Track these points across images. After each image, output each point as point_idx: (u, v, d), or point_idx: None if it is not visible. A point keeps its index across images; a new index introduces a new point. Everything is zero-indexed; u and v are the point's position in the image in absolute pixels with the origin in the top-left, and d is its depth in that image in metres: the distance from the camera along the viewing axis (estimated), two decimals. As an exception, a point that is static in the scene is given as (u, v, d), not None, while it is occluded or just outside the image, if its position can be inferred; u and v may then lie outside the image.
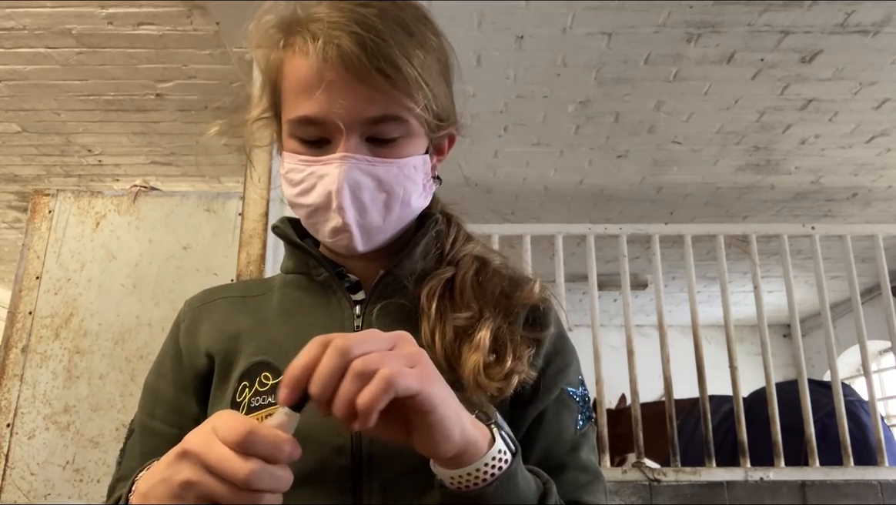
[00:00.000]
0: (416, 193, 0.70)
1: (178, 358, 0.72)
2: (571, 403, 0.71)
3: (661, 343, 2.65)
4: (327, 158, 0.65)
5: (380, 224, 0.68)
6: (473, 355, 0.63)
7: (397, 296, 0.70)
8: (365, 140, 0.65)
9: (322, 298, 0.71)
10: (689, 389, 2.78)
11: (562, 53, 2.60)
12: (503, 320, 0.67)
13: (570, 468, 0.67)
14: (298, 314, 0.71)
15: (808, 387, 2.61)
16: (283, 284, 0.75)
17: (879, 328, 2.90)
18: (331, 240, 0.68)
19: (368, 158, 0.65)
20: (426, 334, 0.65)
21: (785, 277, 2.78)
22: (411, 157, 0.68)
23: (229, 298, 0.76)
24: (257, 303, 0.74)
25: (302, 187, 0.67)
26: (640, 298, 5.41)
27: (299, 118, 0.65)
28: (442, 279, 0.70)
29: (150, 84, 2.80)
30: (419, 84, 0.64)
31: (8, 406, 2.01)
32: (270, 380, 0.64)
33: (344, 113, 0.63)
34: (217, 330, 0.71)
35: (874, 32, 2.47)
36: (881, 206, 3.92)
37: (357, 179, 0.65)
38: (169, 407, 0.70)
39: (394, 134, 0.66)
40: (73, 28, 2.47)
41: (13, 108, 2.99)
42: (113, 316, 2.10)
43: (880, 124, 3.09)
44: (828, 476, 2.44)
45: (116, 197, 2.24)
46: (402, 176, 0.67)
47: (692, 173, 3.56)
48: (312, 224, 0.69)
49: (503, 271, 0.74)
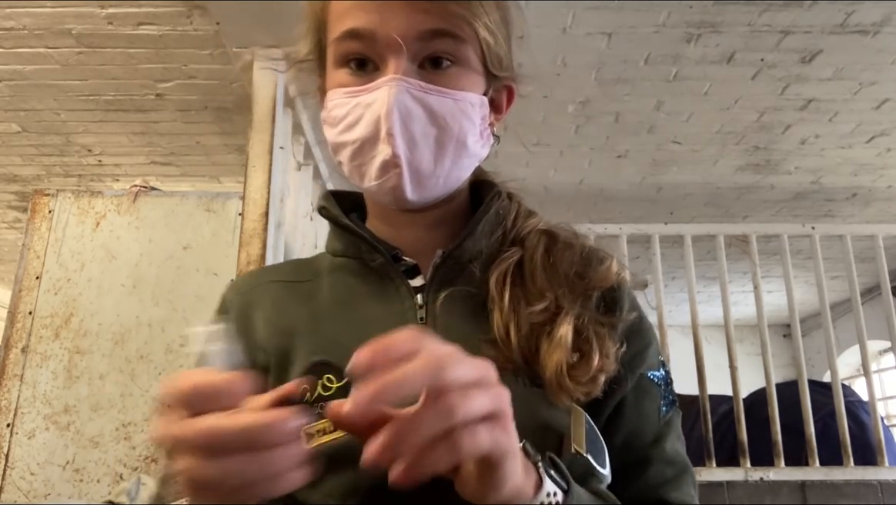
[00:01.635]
0: (473, 135, 0.62)
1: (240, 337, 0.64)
2: (653, 388, 0.64)
3: (660, 343, 2.65)
4: (376, 83, 0.58)
5: (430, 165, 0.60)
6: (556, 354, 0.56)
7: (461, 281, 0.63)
8: (418, 66, 0.59)
9: (378, 287, 0.64)
10: (689, 389, 2.77)
11: (562, 53, 2.60)
12: (582, 309, 0.60)
13: (654, 462, 0.61)
14: (355, 306, 0.64)
15: (808, 387, 2.61)
16: (332, 268, 0.68)
17: (879, 328, 2.90)
18: (377, 181, 0.60)
19: (421, 84, 0.59)
20: (499, 328, 0.59)
21: (785, 277, 2.78)
22: (468, 91, 0.61)
23: (279, 283, 0.68)
24: (308, 290, 0.67)
25: (346, 122, 0.61)
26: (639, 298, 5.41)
27: (345, 32, 0.59)
28: (511, 262, 0.62)
29: (150, 84, 2.80)
30: (479, 8, 0.59)
31: (8, 406, 2.01)
32: (335, 383, 0.57)
33: (396, 23, 0.58)
34: (271, 323, 0.64)
35: (874, 32, 2.47)
36: (881, 206, 3.92)
37: (407, 105, 0.58)
38: None
39: (450, 55, 0.60)
40: (73, 28, 2.47)
41: (13, 108, 2.99)
42: (113, 316, 2.10)
43: (880, 124, 3.09)
44: (828, 476, 2.44)
45: (116, 197, 2.24)
46: (457, 110, 0.60)
47: (692, 173, 3.56)
48: (357, 167, 0.62)
49: (574, 243, 0.66)
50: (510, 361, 0.57)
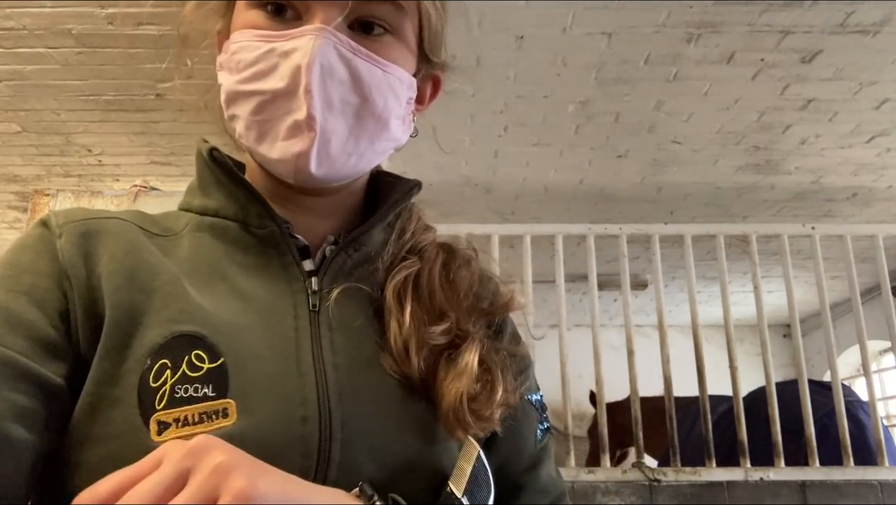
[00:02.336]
0: (397, 116, 0.55)
1: (56, 282, 0.48)
2: (532, 411, 0.60)
3: (661, 343, 2.65)
4: (298, 31, 0.50)
5: (343, 139, 0.51)
6: (457, 383, 0.50)
7: (357, 276, 0.55)
8: (348, 27, 0.52)
9: (261, 259, 0.54)
10: (689, 389, 2.78)
11: (562, 53, 2.60)
12: (488, 340, 0.55)
13: (527, 490, 0.57)
14: (228, 275, 0.53)
15: (807, 387, 2.61)
16: (197, 228, 0.56)
17: (879, 328, 2.90)
18: (283, 142, 0.51)
19: (352, 44, 0.51)
20: (396, 341, 0.52)
21: (785, 277, 2.78)
22: (399, 66, 0.54)
23: (127, 223, 0.54)
24: (163, 245, 0.54)
25: (255, 70, 0.51)
26: (640, 298, 5.41)
27: None
28: (410, 273, 0.56)
29: (150, 84, 2.80)
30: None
31: (8, 406, 2.01)
32: (206, 363, 0.46)
33: None
34: (120, 267, 0.49)
35: (874, 32, 2.47)
36: (881, 206, 3.92)
37: (331, 63, 0.49)
38: (33, 337, 0.46)
39: (386, 22, 0.53)
40: (73, 28, 2.46)
41: (13, 108, 2.99)
42: (113, 316, 2.10)
43: (880, 124, 3.09)
44: (828, 476, 2.44)
45: (116, 197, 2.24)
46: (384, 84, 0.52)
47: (692, 173, 3.56)
48: (259, 123, 0.52)
49: (471, 261, 0.61)
50: (407, 377, 0.52)
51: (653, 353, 2.73)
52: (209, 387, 0.45)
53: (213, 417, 0.44)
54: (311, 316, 0.52)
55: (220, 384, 0.46)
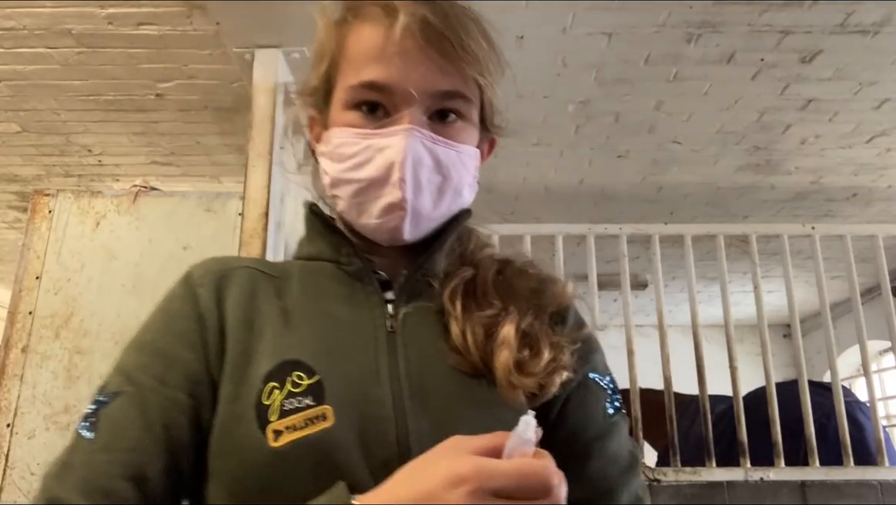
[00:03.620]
0: (468, 185, 0.68)
1: (199, 323, 0.62)
2: (597, 388, 0.66)
3: (661, 343, 2.65)
4: (390, 130, 0.62)
5: (430, 210, 0.64)
6: (503, 352, 0.60)
7: (424, 296, 0.66)
8: (427, 118, 0.63)
9: (350, 291, 0.66)
10: (689, 389, 2.77)
11: (562, 53, 2.60)
12: (534, 318, 0.64)
13: (595, 456, 0.63)
14: (325, 306, 0.65)
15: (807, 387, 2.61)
16: (304, 271, 0.69)
17: (879, 328, 2.90)
18: (378, 220, 0.64)
19: (432, 136, 0.63)
20: (457, 336, 0.62)
21: (785, 277, 2.78)
22: (468, 145, 0.66)
23: (250, 270, 0.67)
24: (278, 286, 0.67)
25: (355, 161, 0.63)
26: (640, 297, 5.41)
27: (365, 82, 0.63)
28: (463, 277, 0.66)
29: (150, 84, 2.80)
30: (488, 70, 0.65)
31: (8, 406, 2.01)
32: (305, 380, 0.57)
33: (414, 81, 0.61)
34: (241, 313, 0.63)
35: (874, 32, 2.47)
36: (881, 206, 3.92)
37: (420, 154, 0.62)
38: (188, 374, 0.59)
39: (457, 115, 0.65)
40: (73, 28, 2.47)
41: (13, 108, 2.99)
42: (113, 316, 2.10)
43: (880, 124, 3.09)
44: (828, 476, 2.44)
45: (116, 197, 2.24)
46: (458, 162, 0.65)
47: (692, 173, 3.56)
48: (359, 203, 0.64)
49: (529, 270, 0.71)
50: (470, 365, 0.61)
51: (653, 353, 2.73)
52: (309, 398, 0.56)
53: (316, 421, 0.55)
54: (388, 336, 0.63)
55: (317, 395, 0.56)
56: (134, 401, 0.58)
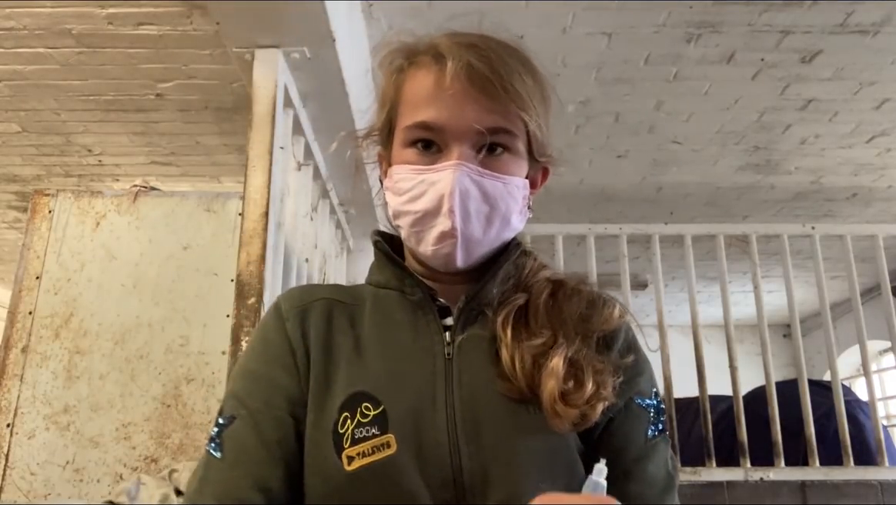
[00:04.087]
0: (516, 213, 0.73)
1: (290, 352, 0.71)
2: (641, 412, 0.71)
3: (661, 343, 2.65)
4: (441, 166, 0.68)
5: (479, 237, 0.70)
6: (550, 382, 0.64)
7: (478, 323, 0.72)
8: (476, 153, 0.69)
9: (412, 318, 0.72)
10: (689, 389, 2.78)
11: (562, 53, 2.60)
12: (582, 344, 0.68)
13: (634, 479, 0.67)
14: (391, 334, 0.72)
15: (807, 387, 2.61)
16: (374, 297, 0.76)
17: (879, 328, 2.90)
18: (433, 247, 0.70)
19: (479, 169, 0.69)
20: (507, 363, 0.66)
21: (785, 277, 2.78)
22: (515, 176, 0.72)
23: (328, 301, 0.75)
24: (352, 314, 0.74)
25: (411, 195, 0.70)
26: (640, 297, 5.41)
27: (419, 122, 0.70)
28: (515, 305, 0.71)
29: (150, 84, 2.80)
30: (531, 105, 0.70)
31: (8, 406, 2.01)
32: (371, 411, 0.65)
33: (462, 121, 0.68)
34: (320, 345, 0.71)
35: (874, 32, 2.47)
36: (881, 206, 3.92)
37: (467, 187, 0.68)
38: (288, 396, 0.68)
39: (502, 148, 0.70)
40: (73, 28, 2.46)
41: (13, 108, 2.99)
42: (113, 316, 2.10)
43: (880, 124, 3.09)
44: (828, 476, 2.44)
45: (116, 197, 2.24)
46: (505, 192, 0.70)
47: (692, 173, 3.56)
48: (416, 233, 0.71)
49: (582, 289, 0.75)
50: (518, 391, 0.65)
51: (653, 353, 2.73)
52: (376, 427, 0.64)
53: (381, 449, 0.63)
54: (445, 362, 0.69)
55: (382, 424, 0.64)
56: (249, 423, 0.67)
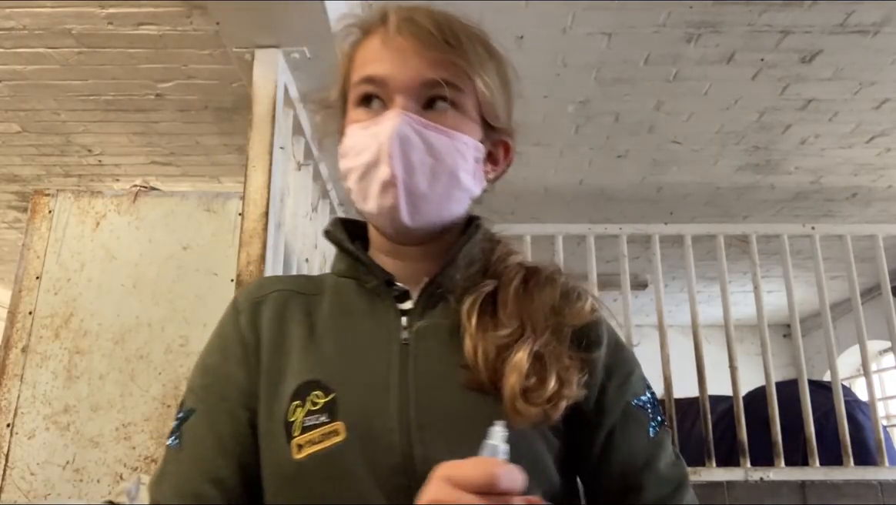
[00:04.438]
0: (465, 171, 0.70)
1: (243, 346, 0.70)
2: (639, 414, 0.70)
3: (661, 343, 2.65)
4: (382, 117, 0.67)
5: (425, 191, 0.67)
6: (512, 377, 0.62)
7: (439, 310, 0.70)
8: (423, 108, 0.68)
9: (370, 306, 0.71)
10: (689, 389, 2.78)
11: (562, 53, 2.60)
12: (551, 337, 0.66)
13: (648, 486, 0.67)
14: (347, 323, 0.71)
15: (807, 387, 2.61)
16: (334, 286, 0.75)
17: (879, 328, 2.90)
18: (377, 201, 0.68)
19: (422, 120, 0.67)
20: (469, 353, 0.64)
21: (785, 277, 2.78)
22: (464, 134, 0.69)
23: (284, 292, 0.74)
24: (310, 304, 0.73)
25: (355, 150, 0.69)
26: (640, 298, 5.41)
27: (363, 77, 0.69)
28: (483, 292, 0.69)
29: (150, 84, 2.80)
30: (480, 66, 0.69)
31: (8, 406, 2.01)
32: (322, 398, 0.64)
33: (405, 72, 0.67)
34: (271, 336, 0.70)
35: (874, 32, 2.47)
36: (881, 206, 3.92)
37: (407, 134, 0.66)
38: (242, 389, 0.68)
39: (449, 104, 0.68)
40: (73, 28, 2.46)
41: (13, 108, 2.99)
42: (113, 316, 2.10)
43: (880, 124, 3.09)
44: (828, 476, 2.44)
45: (116, 197, 2.24)
46: (452, 147, 0.68)
47: (692, 173, 3.56)
48: (361, 189, 0.69)
49: (556, 279, 0.72)
50: (479, 382, 0.63)
51: (653, 353, 2.73)
52: (325, 415, 0.63)
53: (330, 436, 0.62)
54: (401, 348, 0.67)
55: (332, 412, 0.63)
56: (204, 416, 0.68)
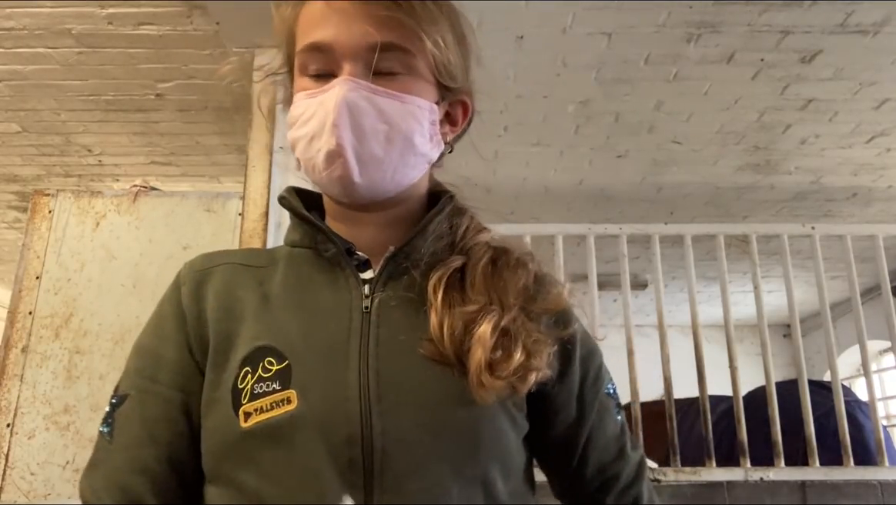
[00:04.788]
0: (421, 135, 0.67)
1: (181, 320, 0.67)
2: (610, 402, 0.72)
3: (661, 343, 2.65)
4: (329, 84, 0.64)
5: (380, 155, 0.64)
6: (477, 350, 0.60)
7: (405, 280, 0.67)
8: (372, 73, 0.64)
9: (329, 276, 0.68)
10: (689, 389, 2.77)
11: (562, 53, 2.60)
12: (519, 313, 0.64)
13: (623, 473, 0.71)
14: (304, 293, 0.68)
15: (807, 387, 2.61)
16: (288, 257, 0.72)
17: (879, 328, 2.90)
18: (325, 173, 0.65)
19: (371, 86, 0.64)
20: (434, 327, 0.63)
21: (785, 277, 2.77)
22: (416, 97, 0.66)
23: (234, 266, 0.71)
24: (261, 275, 0.70)
25: (302, 119, 0.66)
26: (640, 298, 5.41)
27: (307, 45, 0.66)
28: (451, 268, 0.66)
29: (150, 84, 2.80)
30: (430, 25, 0.65)
31: (8, 406, 2.01)
32: (275, 365, 0.61)
33: (351, 37, 0.64)
34: (219, 304, 0.67)
35: (874, 32, 2.47)
36: (881, 206, 3.92)
37: (356, 102, 0.63)
38: (174, 370, 0.65)
39: (399, 67, 0.65)
40: (73, 28, 2.47)
41: (13, 108, 2.99)
42: (113, 316, 2.10)
43: (880, 124, 3.09)
44: (828, 476, 2.44)
45: (116, 197, 2.24)
46: (405, 112, 0.65)
47: (692, 173, 3.56)
48: (308, 160, 0.66)
49: (528, 263, 0.70)
50: (444, 356, 0.62)
51: (653, 353, 2.73)
52: (277, 382, 0.60)
53: (281, 404, 0.59)
54: (363, 317, 0.64)
55: (284, 380, 0.60)
56: (136, 401, 0.65)
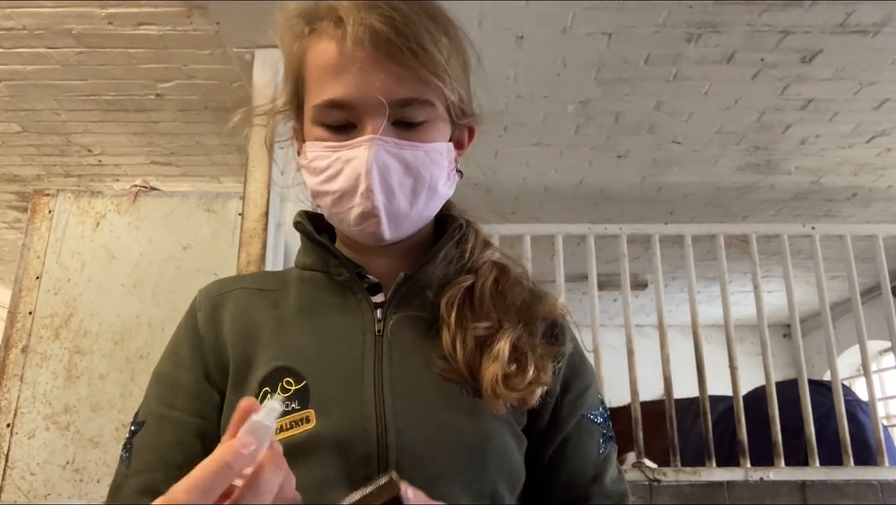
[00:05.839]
0: (442, 180, 0.68)
1: (197, 347, 0.69)
2: (593, 428, 0.72)
3: (661, 343, 2.65)
4: (355, 142, 0.64)
5: (407, 210, 0.66)
6: (493, 365, 0.63)
7: (416, 302, 0.69)
8: (392, 124, 0.64)
9: (341, 299, 0.70)
10: (689, 389, 2.78)
11: (562, 53, 2.60)
12: (524, 330, 0.67)
13: (594, 497, 0.69)
14: (317, 315, 0.70)
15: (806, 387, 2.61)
16: (300, 280, 0.73)
17: (879, 328, 2.90)
18: (357, 227, 0.66)
19: (396, 141, 0.64)
20: (447, 344, 0.65)
21: (785, 277, 2.78)
22: (437, 142, 0.67)
23: (248, 290, 0.73)
24: (275, 298, 0.72)
25: (327, 174, 0.66)
26: (640, 298, 5.41)
27: (326, 102, 0.65)
28: (462, 287, 0.69)
29: (150, 84, 2.80)
30: (446, 68, 0.65)
31: (8, 406, 2.01)
32: (293, 385, 0.63)
33: (372, 94, 0.63)
34: (237, 327, 0.69)
35: (874, 32, 2.47)
36: (881, 206, 3.92)
37: (385, 162, 0.63)
38: (190, 395, 0.67)
39: (421, 117, 0.65)
40: (73, 28, 2.47)
41: (13, 108, 2.99)
42: (113, 316, 2.10)
43: (880, 124, 3.09)
44: (828, 476, 2.44)
45: (116, 197, 2.24)
46: (428, 161, 0.66)
47: (692, 173, 3.56)
48: (337, 213, 0.67)
49: (524, 282, 0.73)
50: (457, 372, 0.64)
51: (653, 353, 2.73)
52: (296, 402, 0.62)
53: (300, 424, 0.61)
54: (375, 339, 0.67)
55: (303, 399, 0.62)
56: (152, 428, 0.67)
